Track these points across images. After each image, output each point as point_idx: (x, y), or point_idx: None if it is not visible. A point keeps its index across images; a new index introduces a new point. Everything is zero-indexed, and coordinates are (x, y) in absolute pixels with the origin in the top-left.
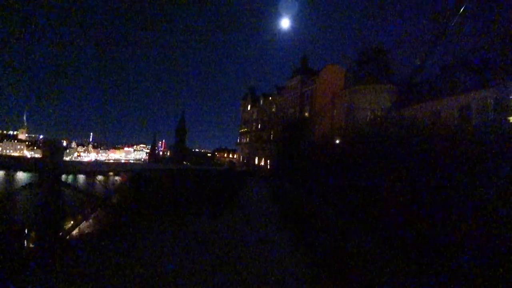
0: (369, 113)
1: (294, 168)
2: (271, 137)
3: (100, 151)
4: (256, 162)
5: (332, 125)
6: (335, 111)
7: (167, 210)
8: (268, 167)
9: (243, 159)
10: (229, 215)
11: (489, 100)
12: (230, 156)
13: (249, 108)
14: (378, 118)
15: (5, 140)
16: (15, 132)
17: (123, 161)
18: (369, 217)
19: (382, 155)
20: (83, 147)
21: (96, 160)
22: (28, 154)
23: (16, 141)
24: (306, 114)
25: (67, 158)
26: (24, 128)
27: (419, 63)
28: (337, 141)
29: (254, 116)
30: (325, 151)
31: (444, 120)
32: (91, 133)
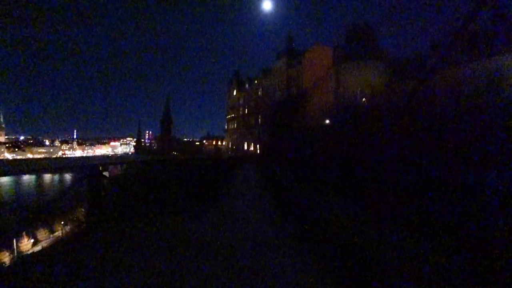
0: (358, 91)
1: (283, 152)
2: (259, 122)
3: (86, 148)
4: (246, 147)
5: (321, 106)
6: (323, 91)
7: (136, 210)
8: (258, 152)
9: (232, 146)
10: (216, 211)
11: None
12: (219, 143)
13: (235, 93)
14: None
15: None
16: None
17: (110, 155)
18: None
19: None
20: (68, 144)
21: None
22: (9, 156)
23: None
24: (293, 96)
25: (51, 157)
26: (2, 130)
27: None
28: (327, 121)
29: (241, 101)
30: (315, 133)
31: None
32: (75, 130)
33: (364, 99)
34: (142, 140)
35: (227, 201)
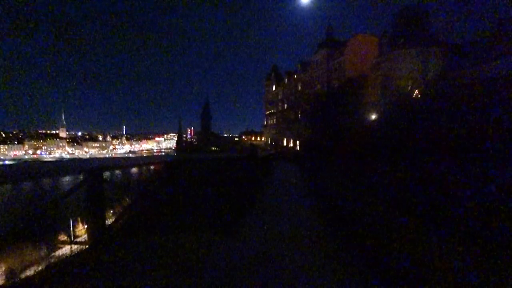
0: (410, 82)
1: (326, 149)
2: (299, 117)
3: (133, 143)
4: (285, 143)
5: (366, 99)
6: (369, 83)
7: (152, 222)
8: (298, 148)
9: (270, 141)
10: (249, 226)
11: None
12: (258, 139)
13: (273, 88)
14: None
15: (48, 139)
16: (56, 131)
17: (155, 150)
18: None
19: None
20: (118, 139)
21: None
22: (69, 150)
23: (58, 139)
24: (335, 89)
25: (104, 151)
26: (63, 127)
27: None
28: (373, 116)
29: (279, 96)
30: (361, 130)
31: None
32: (124, 126)
33: (416, 91)
34: (184, 136)
35: (265, 211)
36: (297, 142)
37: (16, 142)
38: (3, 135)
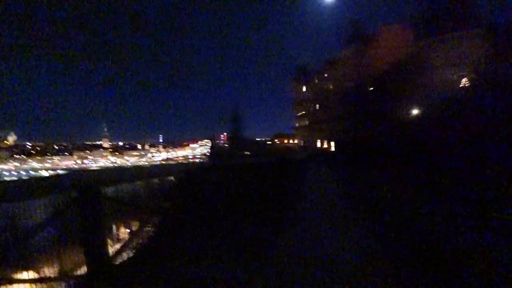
0: (454, 71)
1: (363, 150)
2: (330, 117)
3: (170, 150)
4: (318, 145)
5: (402, 93)
6: (403, 75)
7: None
8: (332, 149)
9: (303, 143)
10: (279, 255)
11: None
12: (290, 141)
13: (302, 88)
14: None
15: (92, 149)
16: (99, 142)
17: (190, 156)
18: None
19: None
20: (155, 147)
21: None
22: (112, 159)
23: (101, 149)
24: (366, 85)
25: (143, 159)
26: (106, 137)
27: None
28: (414, 112)
29: (309, 96)
30: (400, 128)
31: None
32: (160, 135)
33: (465, 79)
34: (217, 141)
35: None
36: (330, 143)
37: (66, 154)
38: (56, 147)
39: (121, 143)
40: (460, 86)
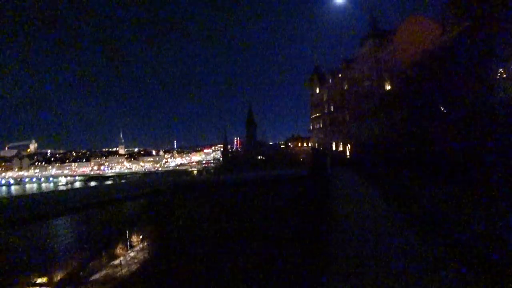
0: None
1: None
2: (347, 118)
3: (184, 155)
4: (334, 147)
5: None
6: (434, 69)
7: None
8: (348, 153)
9: (318, 146)
10: None
11: None
12: (305, 144)
13: (317, 90)
14: None
15: (109, 156)
16: (116, 149)
17: (203, 162)
18: None
19: None
20: (169, 153)
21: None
22: (127, 165)
23: (118, 155)
24: (387, 84)
25: (157, 165)
26: (122, 144)
27: None
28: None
29: (325, 98)
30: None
31: None
32: (175, 141)
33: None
34: (230, 146)
35: None
36: (347, 146)
37: (84, 160)
38: (74, 154)
39: (136, 150)
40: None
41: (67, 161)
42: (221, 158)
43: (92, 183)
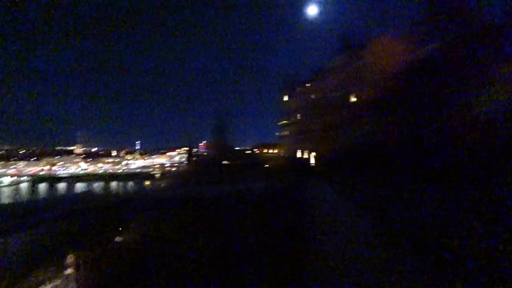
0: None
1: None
2: (314, 128)
3: (146, 158)
4: (299, 154)
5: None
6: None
7: None
8: (313, 161)
9: (284, 154)
10: None
11: None
12: (271, 151)
13: (287, 98)
14: None
15: (63, 155)
16: (72, 148)
17: (167, 165)
18: None
19: None
20: (131, 154)
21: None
22: (84, 166)
23: (74, 155)
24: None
25: (117, 167)
26: (79, 143)
27: None
28: None
29: (293, 106)
30: None
31: None
32: (138, 142)
33: None
34: (196, 150)
35: None
36: (311, 154)
37: (34, 159)
38: (23, 151)
39: (95, 149)
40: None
41: (12, 159)
42: (186, 162)
43: (42, 185)
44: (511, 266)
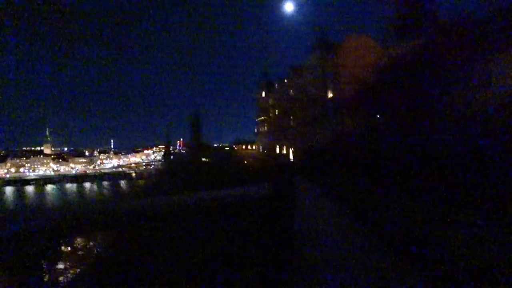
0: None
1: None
2: (291, 123)
3: (122, 156)
4: (278, 151)
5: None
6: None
7: None
8: (291, 156)
9: (262, 149)
10: None
11: None
12: (249, 147)
13: (264, 95)
14: None
15: (32, 156)
16: (40, 148)
17: (143, 163)
18: None
19: None
20: (105, 154)
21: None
22: (54, 166)
23: (42, 155)
24: (330, 92)
25: (90, 167)
26: (48, 143)
27: None
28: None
29: (271, 103)
30: None
31: None
32: (112, 140)
33: None
34: (172, 148)
35: None
36: (290, 150)
37: None
38: None
39: (66, 149)
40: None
41: None
42: (162, 160)
43: (8, 188)
44: None
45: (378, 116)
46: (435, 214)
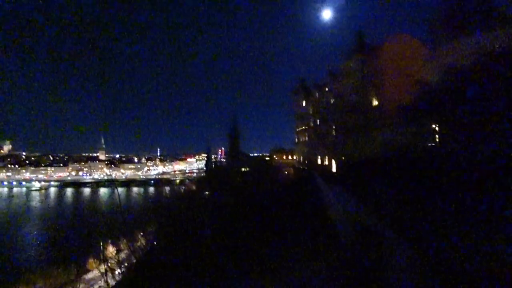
0: None
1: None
2: (333, 132)
3: (166, 164)
4: (319, 161)
5: None
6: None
7: None
8: (334, 168)
9: (303, 159)
10: None
11: None
12: (289, 157)
13: (302, 103)
14: None
15: (89, 161)
16: (96, 154)
17: (187, 171)
18: None
19: None
20: (152, 161)
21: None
22: (107, 171)
23: (97, 161)
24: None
25: (139, 173)
26: (103, 150)
27: None
28: None
29: (310, 111)
30: None
31: None
32: (158, 148)
33: None
34: (214, 156)
35: None
36: (332, 160)
37: (61, 165)
38: (51, 158)
39: (117, 156)
40: None
41: (42, 164)
42: (205, 168)
43: (69, 189)
44: None
45: (435, 126)
46: None
